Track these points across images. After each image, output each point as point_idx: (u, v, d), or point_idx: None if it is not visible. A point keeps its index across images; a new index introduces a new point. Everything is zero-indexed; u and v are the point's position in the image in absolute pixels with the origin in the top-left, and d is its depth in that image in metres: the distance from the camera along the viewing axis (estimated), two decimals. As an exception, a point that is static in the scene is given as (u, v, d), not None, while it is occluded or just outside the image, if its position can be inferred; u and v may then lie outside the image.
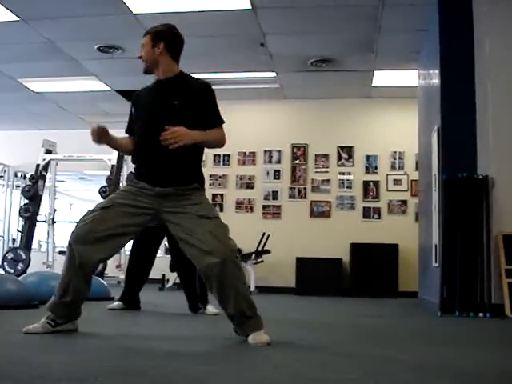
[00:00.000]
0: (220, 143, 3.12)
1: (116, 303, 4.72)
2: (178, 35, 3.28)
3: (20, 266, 8.24)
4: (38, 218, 8.96)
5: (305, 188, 9.14)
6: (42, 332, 2.90)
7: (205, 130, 3.01)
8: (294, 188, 9.17)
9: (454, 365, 2.44)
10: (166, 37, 3.19)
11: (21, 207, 8.96)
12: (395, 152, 9.03)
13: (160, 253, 5.15)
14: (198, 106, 3.04)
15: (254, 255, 8.18)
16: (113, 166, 8.66)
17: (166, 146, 2.84)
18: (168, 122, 2.91)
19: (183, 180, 2.97)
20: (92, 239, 2.89)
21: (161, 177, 2.97)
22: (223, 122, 3.12)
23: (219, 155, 9.39)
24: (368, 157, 9.10)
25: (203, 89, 3.13)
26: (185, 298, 4.70)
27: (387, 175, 9.01)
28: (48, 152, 9.01)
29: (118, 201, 2.99)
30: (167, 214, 2.95)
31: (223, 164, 9.42)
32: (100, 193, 8.48)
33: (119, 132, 3.35)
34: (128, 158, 8.86)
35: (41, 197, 8.92)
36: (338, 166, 9.15)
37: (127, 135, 3.24)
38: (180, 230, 2.93)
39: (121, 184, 8.83)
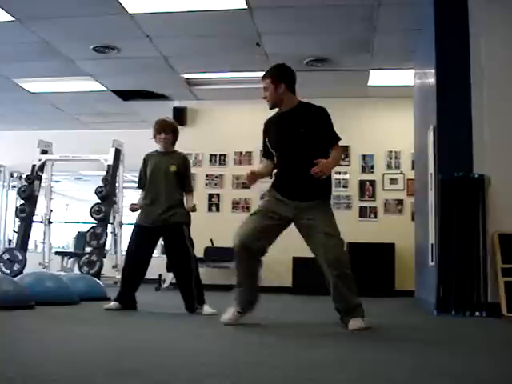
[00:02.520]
0: (341, 158, 4.01)
1: (112, 303, 4.70)
2: (292, 72, 3.85)
3: (16, 266, 8.21)
4: (34, 218, 8.93)
5: (301, 188, 9.12)
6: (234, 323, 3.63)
7: (326, 148, 3.75)
8: (291, 188, 9.16)
9: (451, 364, 2.45)
10: (286, 78, 3.78)
11: (17, 208, 8.93)
12: (391, 151, 9.04)
13: (156, 253, 5.14)
14: (319, 130, 3.72)
15: (250, 255, 8.16)
16: (109, 166, 8.63)
17: (317, 176, 3.53)
18: (298, 146, 3.66)
19: (315, 195, 3.69)
20: (252, 235, 3.64)
21: (298, 194, 3.68)
22: (340, 139, 3.84)
23: (215, 155, 9.39)
24: (364, 156, 9.12)
25: (321, 114, 3.78)
26: (180, 298, 4.69)
27: (383, 174, 9.02)
28: (44, 152, 8.98)
29: (266, 206, 3.76)
30: (300, 223, 3.69)
31: (219, 164, 9.42)
32: (96, 193, 8.45)
33: (116, 132, 3.35)
34: (124, 159, 8.87)
35: (37, 197, 8.90)
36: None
37: (264, 159, 3.94)
38: (311, 240, 3.68)
39: (117, 184, 8.81)
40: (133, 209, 4.83)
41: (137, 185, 4.95)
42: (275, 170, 3.84)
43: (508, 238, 5.06)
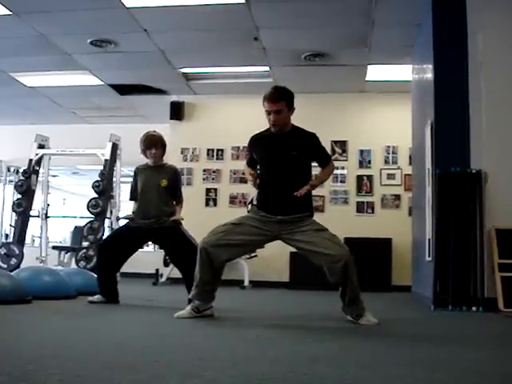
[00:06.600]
0: (331, 175, 4.27)
1: (96, 296, 4.71)
2: None
3: (13, 261, 8.20)
4: (31, 212, 8.91)
5: (298, 182, 9.11)
6: (188, 317, 3.71)
7: (320, 166, 3.98)
8: (288, 182, 9.14)
9: (448, 359, 2.45)
10: (293, 102, 3.81)
11: (14, 202, 8.92)
12: (389, 146, 9.03)
13: (153, 248, 5.13)
14: (311, 154, 3.88)
15: (247, 250, 8.17)
16: (106, 160, 8.60)
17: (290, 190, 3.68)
18: (287, 167, 3.78)
19: (298, 210, 3.75)
20: (221, 244, 3.70)
21: (282, 209, 3.75)
22: (331, 158, 4.16)
23: (213, 150, 9.37)
24: (362, 151, 9.11)
25: (313, 139, 3.90)
26: (178, 292, 4.68)
27: (381, 170, 9.02)
28: (41, 147, 8.95)
29: (247, 222, 3.81)
30: (286, 235, 3.76)
31: (217, 159, 9.40)
32: (93, 187, 8.42)
33: (113, 126, 3.35)
34: (121, 153, 8.84)
35: (34, 192, 8.88)
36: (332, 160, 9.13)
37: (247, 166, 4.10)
38: (302, 244, 3.72)
39: (114, 178, 8.78)
40: (129, 218, 4.85)
41: (129, 197, 4.97)
42: (257, 181, 3.86)
43: (505, 234, 5.07)
